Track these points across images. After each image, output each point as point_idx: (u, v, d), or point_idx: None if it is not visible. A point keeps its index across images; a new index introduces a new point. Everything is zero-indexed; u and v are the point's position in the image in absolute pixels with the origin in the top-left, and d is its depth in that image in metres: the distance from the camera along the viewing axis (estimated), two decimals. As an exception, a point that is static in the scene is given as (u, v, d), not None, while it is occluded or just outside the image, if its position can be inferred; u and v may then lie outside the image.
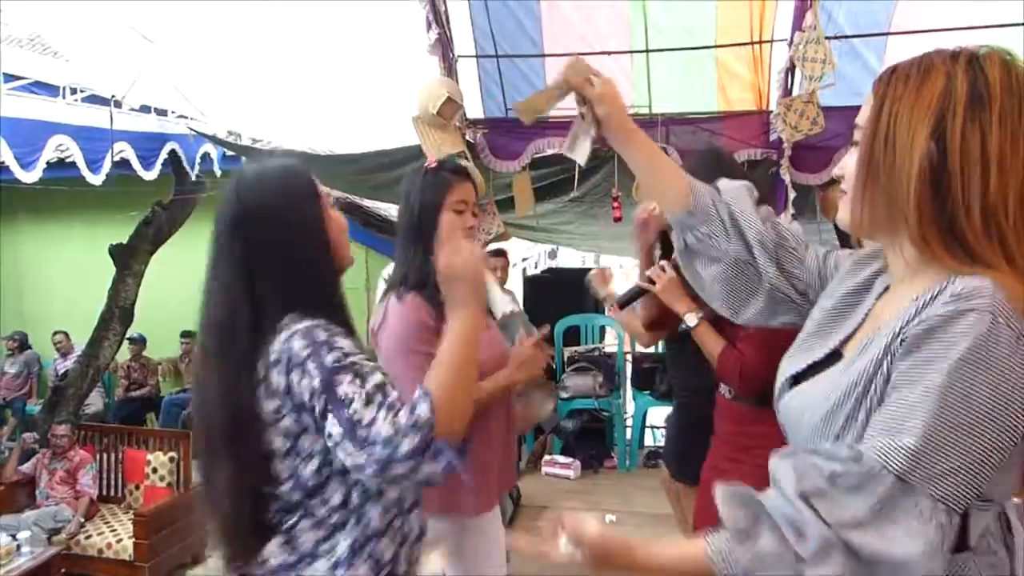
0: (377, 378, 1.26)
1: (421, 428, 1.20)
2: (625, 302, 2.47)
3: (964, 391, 0.87)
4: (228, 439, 1.31)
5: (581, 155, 1.45)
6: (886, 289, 1.12)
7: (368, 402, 1.21)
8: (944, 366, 0.88)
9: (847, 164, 1.08)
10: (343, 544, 1.32)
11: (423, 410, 1.22)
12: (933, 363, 0.89)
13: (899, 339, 0.94)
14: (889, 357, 0.95)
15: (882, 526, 0.88)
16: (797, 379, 1.16)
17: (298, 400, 1.26)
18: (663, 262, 2.31)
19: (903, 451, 0.88)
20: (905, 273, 1.05)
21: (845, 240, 2.31)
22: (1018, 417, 0.87)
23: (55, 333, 7.54)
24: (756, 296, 1.31)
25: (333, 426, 1.22)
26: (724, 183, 1.37)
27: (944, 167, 0.95)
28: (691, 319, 2.18)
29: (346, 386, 1.23)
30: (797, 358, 1.18)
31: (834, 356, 1.12)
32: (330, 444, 1.25)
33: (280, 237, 1.35)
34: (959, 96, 0.95)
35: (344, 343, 1.28)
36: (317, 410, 1.25)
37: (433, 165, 2.07)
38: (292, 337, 1.27)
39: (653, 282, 2.25)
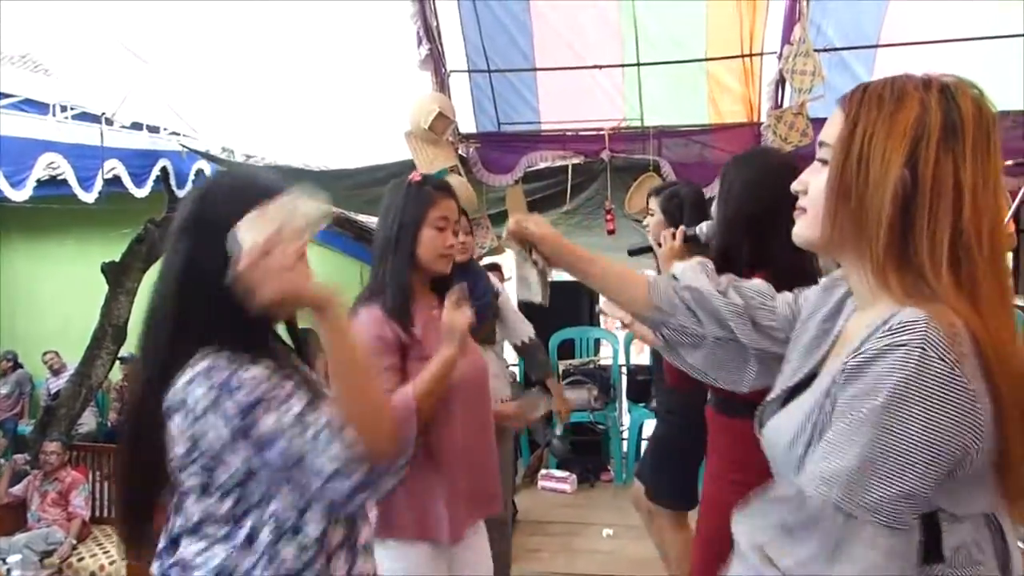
0: (295, 409, 1.21)
1: (356, 462, 1.19)
2: (635, 252, 2.69)
3: (897, 424, 0.88)
4: (129, 437, 1.32)
5: (538, 295, 1.52)
6: (855, 311, 1.14)
7: (302, 432, 1.19)
8: (877, 402, 0.89)
9: (809, 181, 1.08)
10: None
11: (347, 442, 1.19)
12: (867, 397, 0.90)
13: (843, 368, 0.96)
14: (834, 385, 0.97)
15: (833, 560, 0.91)
16: (775, 406, 1.18)
17: (207, 449, 1.22)
18: (675, 229, 2.35)
19: (840, 482, 0.90)
20: (868, 297, 1.05)
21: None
22: (954, 442, 0.88)
23: (46, 352, 7.49)
24: (748, 364, 1.33)
25: (272, 457, 1.20)
26: (678, 268, 1.41)
27: (915, 196, 0.95)
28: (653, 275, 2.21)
29: (269, 420, 1.19)
30: (777, 386, 1.21)
31: (811, 381, 1.13)
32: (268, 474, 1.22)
33: (218, 258, 1.20)
34: (934, 125, 0.95)
35: (247, 376, 1.20)
36: (239, 453, 1.21)
37: (418, 179, 2.05)
38: (193, 382, 1.20)
39: (659, 244, 2.37)
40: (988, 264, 0.96)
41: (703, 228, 2.26)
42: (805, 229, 1.09)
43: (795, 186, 1.12)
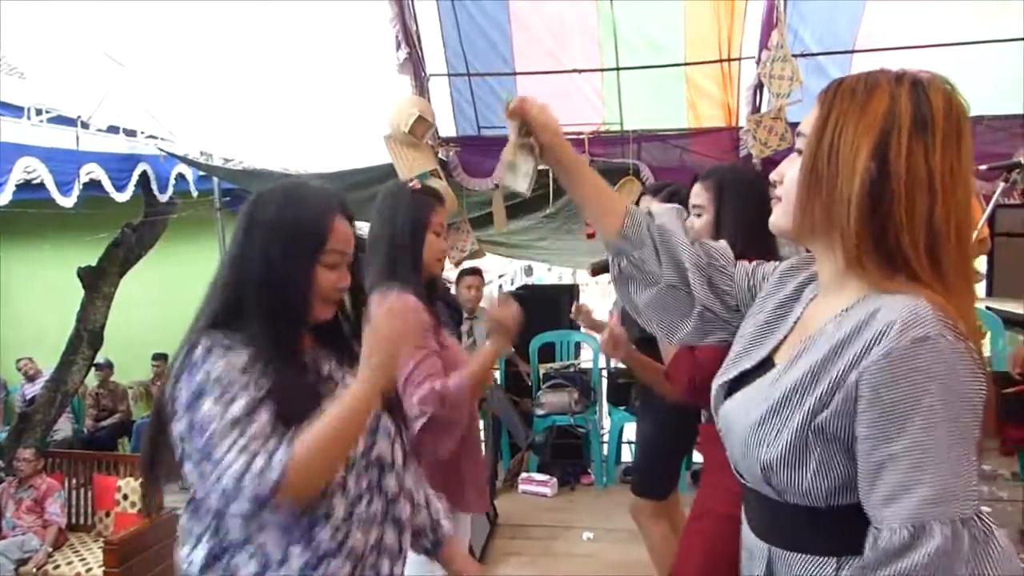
0: (240, 407, 1.23)
1: (264, 484, 1.18)
2: (598, 270, 2.56)
3: (957, 417, 0.91)
4: (155, 412, 1.38)
5: (524, 183, 1.42)
6: (814, 298, 1.16)
7: (224, 435, 1.20)
8: (930, 404, 0.91)
9: (785, 170, 1.11)
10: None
11: (275, 469, 1.18)
12: (917, 406, 0.91)
13: (846, 364, 0.97)
14: (836, 378, 0.98)
15: (983, 567, 0.91)
16: (731, 389, 1.20)
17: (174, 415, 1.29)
18: None
19: (954, 496, 0.91)
20: (833, 281, 1.08)
21: None
22: (983, 409, 0.93)
23: (19, 359, 7.36)
24: (688, 318, 1.33)
25: (190, 445, 1.24)
26: (656, 207, 1.41)
27: (887, 186, 0.98)
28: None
29: (208, 407, 1.23)
30: (730, 369, 1.22)
31: (766, 364, 1.16)
32: (187, 463, 1.25)
33: (258, 262, 1.35)
34: (903, 117, 0.98)
35: (219, 364, 1.26)
36: (179, 429, 1.26)
37: (418, 186, 2.18)
38: (185, 350, 1.31)
39: None
40: (956, 253, 0.98)
41: None
42: (779, 218, 1.12)
43: (772, 176, 1.15)
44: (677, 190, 2.73)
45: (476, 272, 5.52)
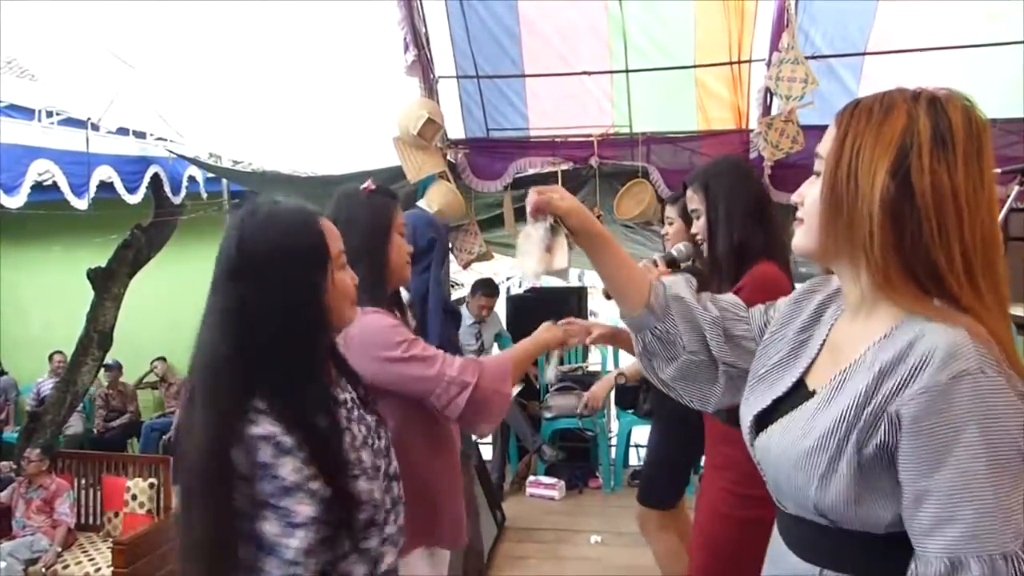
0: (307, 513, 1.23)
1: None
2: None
3: (999, 452, 0.90)
4: (204, 490, 1.24)
5: (561, 262, 1.43)
6: (838, 319, 1.15)
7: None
8: (970, 439, 0.90)
9: (806, 192, 1.10)
10: None
11: None
12: (956, 440, 0.91)
13: (886, 395, 0.96)
14: (876, 409, 0.97)
15: None
16: (763, 417, 1.18)
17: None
18: (656, 256, 2.39)
19: (992, 532, 0.89)
20: (861, 303, 1.07)
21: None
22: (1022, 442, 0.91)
23: (53, 353, 7.34)
24: (716, 383, 1.34)
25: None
26: (668, 279, 1.41)
27: (911, 204, 0.97)
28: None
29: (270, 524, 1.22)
30: (760, 396, 1.20)
31: (799, 387, 1.14)
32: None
33: (270, 303, 1.27)
34: (922, 135, 0.97)
35: (286, 470, 1.22)
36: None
37: (373, 188, 1.99)
38: (266, 440, 1.23)
39: None
40: (988, 272, 0.98)
41: (680, 248, 2.42)
42: (802, 239, 1.11)
43: (793, 198, 1.13)
44: None
45: (492, 294, 5.56)
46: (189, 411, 1.28)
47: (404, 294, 2.28)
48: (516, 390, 2.05)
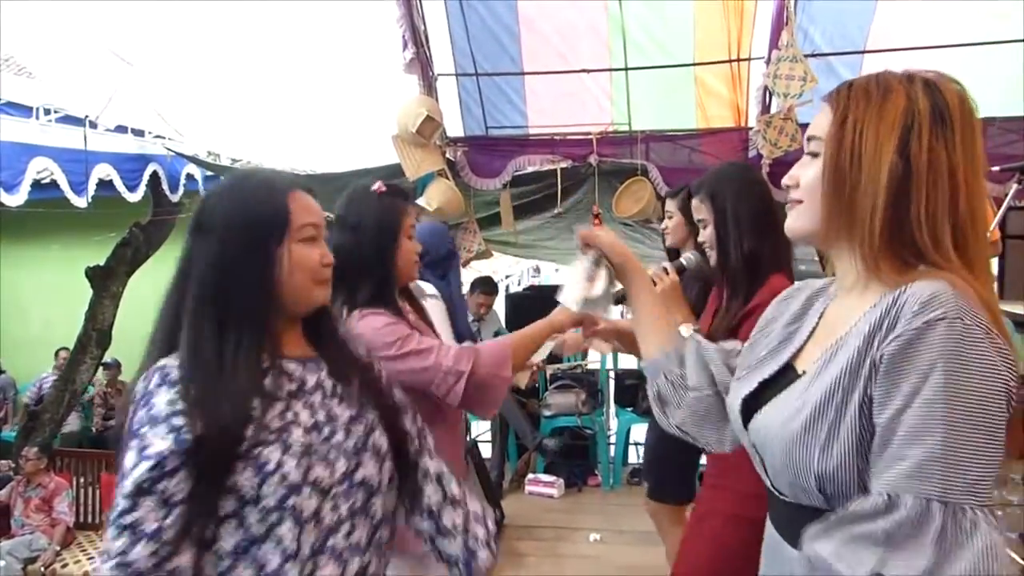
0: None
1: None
2: (622, 299, 2.53)
3: (961, 399, 0.88)
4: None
5: (598, 290, 1.50)
6: (828, 306, 1.16)
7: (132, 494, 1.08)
8: (934, 381, 0.89)
9: (800, 175, 1.10)
10: None
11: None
12: (922, 381, 0.90)
13: (874, 350, 0.96)
14: (867, 366, 0.96)
15: (953, 559, 0.87)
16: (750, 402, 1.18)
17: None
18: (666, 264, 2.38)
19: (934, 472, 0.88)
20: (856, 282, 1.07)
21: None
22: (1005, 404, 0.90)
23: (59, 350, 7.30)
24: (728, 419, 1.33)
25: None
26: (682, 327, 1.45)
27: (910, 181, 0.98)
28: (685, 330, 2.19)
29: (127, 455, 1.13)
30: (746, 381, 1.21)
31: (787, 371, 1.15)
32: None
33: (213, 261, 1.23)
34: (923, 114, 0.98)
35: (161, 398, 1.14)
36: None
37: (384, 189, 2.01)
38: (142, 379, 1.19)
39: (654, 283, 2.26)
40: (977, 243, 0.99)
41: (690, 257, 2.41)
42: (799, 220, 1.10)
43: (786, 180, 1.13)
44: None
45: (491, 292, 5.55)
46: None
47: (427, 287, 2.32)
48: (525, 377, 2.06)
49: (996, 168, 3.09)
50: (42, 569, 4.37)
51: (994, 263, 4.63)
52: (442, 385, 1.85)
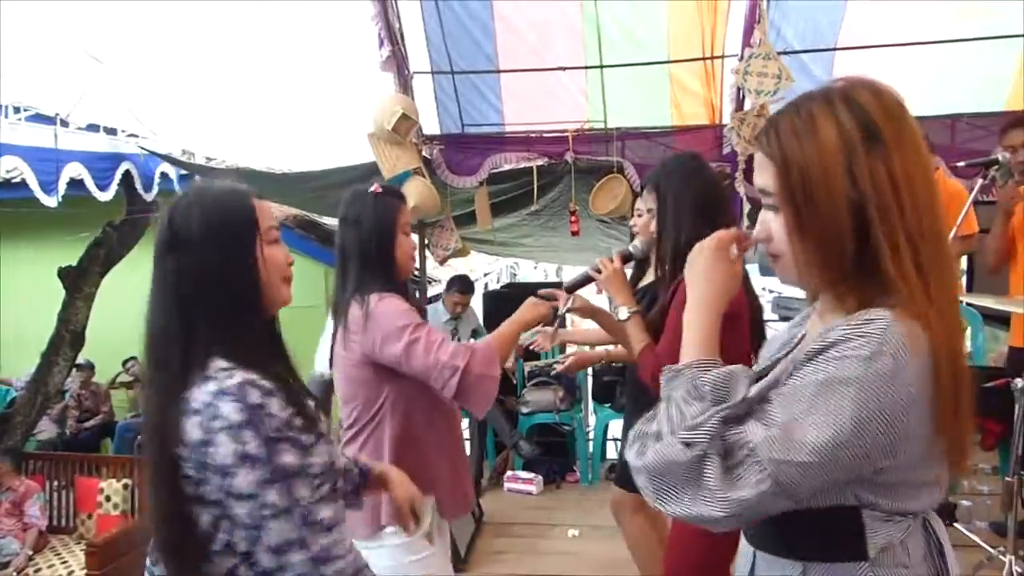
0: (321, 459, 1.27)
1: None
2: (573, 287, 2.56)
3: (833, 400, 0.93)
4: (156, 466, 1.25)
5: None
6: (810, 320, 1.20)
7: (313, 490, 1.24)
8: (823, 374, 0.95)
9: (770, 229, 1.09)
10: None
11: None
12: (815, 371, 0.96)
13: (804, 355, 1.00)
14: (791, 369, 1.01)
15: (735, 466, 0.97)
16: None
17: (217, 463, 1.20)
18: (615, 251, 2.43)
19: (769, 438, 0.95)
20: (827, 309, 1.10)
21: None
22: (876, 440, 0.93)
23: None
24: None
25: (272, 497, 1.20)
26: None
27: (862, 206, 0.98)
28: (623, 312, 2.26)
29: (287, 456, 1.22)
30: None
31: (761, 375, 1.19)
32: (263, 512, 1.20)
33: (204, 270, 1.28)
34: (854, 136, 0.98)
35: (276, 406, 1.23)
36: (249, 479, 1.19)
37: (380, 190, 2.17)
38: (221, 396, 1.20)
39: (600, 271, 2.35)
40: (933, 251, 0.99)
41: (637, 245, 2.45)
42: (785, 273, 1.11)
43: (758, 234, 1.13)
44: None
45: (466, 291, 5.55)
46: (143, 392, 1.31)
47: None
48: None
49: (963, 163, 3.15)
50: (14, 574, 4.31)
51: (964, 257, 4.72)
52: (439, 379, 1.99)
